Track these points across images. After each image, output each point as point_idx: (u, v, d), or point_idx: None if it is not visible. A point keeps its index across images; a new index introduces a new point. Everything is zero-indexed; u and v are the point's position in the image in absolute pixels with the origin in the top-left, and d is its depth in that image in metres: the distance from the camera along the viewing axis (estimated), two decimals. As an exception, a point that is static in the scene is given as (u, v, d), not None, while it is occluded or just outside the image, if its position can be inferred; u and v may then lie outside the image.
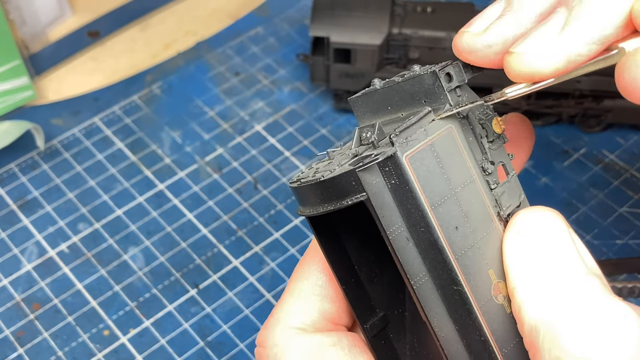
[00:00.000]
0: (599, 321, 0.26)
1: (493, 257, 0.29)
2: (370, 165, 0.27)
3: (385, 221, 0.28)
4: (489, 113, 0.31)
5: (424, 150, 0.28)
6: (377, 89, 0.32)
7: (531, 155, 0.60)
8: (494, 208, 0.30)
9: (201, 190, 0.60)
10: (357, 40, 0.58)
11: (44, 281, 0.55)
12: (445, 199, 0.28)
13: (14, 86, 0.63)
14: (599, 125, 0.61)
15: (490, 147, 0.30)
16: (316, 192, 0.30)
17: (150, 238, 0.57)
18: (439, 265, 0.28)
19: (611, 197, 0.58)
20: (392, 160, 0.27)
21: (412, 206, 0.28)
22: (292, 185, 0.31)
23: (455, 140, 0.29)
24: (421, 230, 0.28)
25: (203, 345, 0.52)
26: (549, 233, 0.29)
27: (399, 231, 0.28)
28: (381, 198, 0.28)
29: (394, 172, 0.28)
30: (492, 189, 0.30)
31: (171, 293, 0.54)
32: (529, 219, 0.29)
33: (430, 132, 0.28)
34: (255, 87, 0.66)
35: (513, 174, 0.31)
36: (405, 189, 0.28)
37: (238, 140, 0.63)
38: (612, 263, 0.53)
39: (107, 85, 0.67)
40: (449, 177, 0.29)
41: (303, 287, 0.33)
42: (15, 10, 0.66)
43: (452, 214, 0.28)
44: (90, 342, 0.52)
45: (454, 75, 0.30)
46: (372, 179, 0.28)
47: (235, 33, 0.70)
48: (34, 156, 0.62)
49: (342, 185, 0.28)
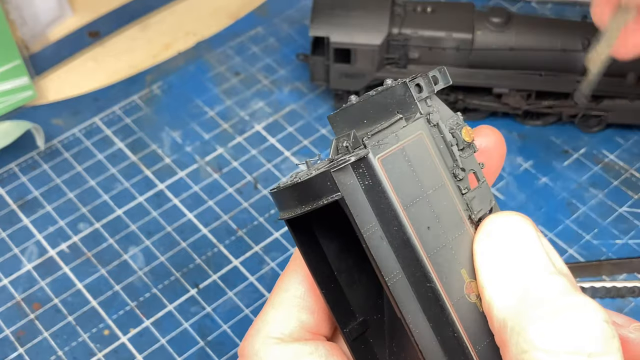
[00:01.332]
0: (563, 315, 0.27)
1: (465, 258, 0.31)
2: (344, 165, 0.29)
3: (360, 220, 0.29)
4: (459, 123, 0.32)
5: (395, 154, 0.30)
6: (353, 103, 0.33)
7: (531, 155, 0.60)
8: (465, 211, 0.31)
9: (201, 190, 0.60)
10: (357, 40, 0.58)
11: (44, 281, 0.55)
12: (417, 200, 0.30)
13: (14, 86, 0.63)
14: (598, 125, 0.61)
15: (461, 155, 0.32)
16: (293, 194, 0.31)
17: (151, 238, 0.57)
18: (412, 263, 0.29)
19: (611, 197, 0.58)
20: (364, 161, 0.29)
21: (385, 206, 0.29)
22: (271, 192, 0.33)
23: (426, 146, 0.31)
24: (394, 229, 0.29)
25: (203, 345, 0.52)
26: (517, 235, 0.30)
27: (373, 230, 0.29)
28: (355, 198, 0.29)
29: (367, 173, 0.29)
30: (464, 194, 0.31)
31: (171, 293, 0.54)
32: (498, 222, 0.31)
33: (401, 137, 0.30)
34: (255, 87, 0.66)
35: (484, 181, 0.32)
36: (378, 189, 0.29)
37: (238, 140, 0.63)
38: (612, 263, 0.53)
39: (107, 85, 0.67)
40: (421, 180, 0.30)
41: (283, 299, 0.34)
42: (15, 10, 0.66)
43: (424, 215, 0.30)
44: (90, 341, 0.52)
45: (424, 86, 0.32)
46: (346, 180, 0.29)
47: (235, 33, 0.70)
48: (34, 156, 0.62)
49: (318, 186, 0.30)
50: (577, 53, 0.58)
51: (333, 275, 0.34)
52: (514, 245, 0.30)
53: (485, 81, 0.60)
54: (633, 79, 0.58)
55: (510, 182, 0.59)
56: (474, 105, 0.61)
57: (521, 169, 0.60)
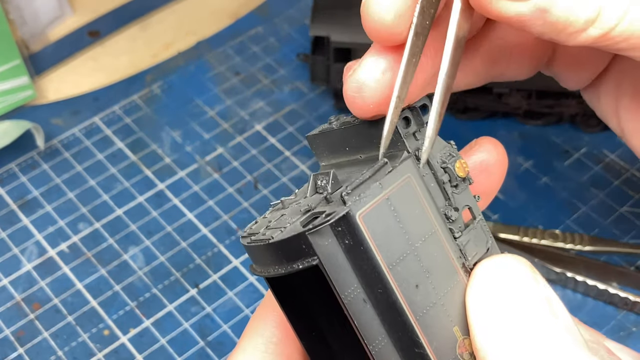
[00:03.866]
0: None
1: (458, 313, 0.28)
2: (321, 227, 0.26)
3: (340, 284, 0.26)
4: (452, 154, 0.29)
5: (379, 206, 0.26)
6: (333, 129, 0.31)
7: (532, 155, 0.60)
8: (459, 259, 0.28)
9: (201, 190, 0.60)
10: (358, 40, 0.58)
11: (44, 281, 0.55)
12: (404, 257, 0.27)
13: (14, 86, 0.63)
14: (599, 125, 0.61)
15: (454, 192, 0.29)
16: (265, 253, 0.28)
17: (151, 238, 0.57)
18: (399, 328, 0.27)
19: (612, 196, 0.58)
20: (344, 220, 0.26)
21: (368, 267, 0.26)
22: (242, 242, 0.29)
23: (414, 190, 0.28)
24: (379, 291, 0.26)
25: (203, 345, 0.52)
26: (512, 283, 0.27)
27: (355, 293, 0.26)
28: (334, 260, 0.26)
29: (347, 232, 0.26)
30: (457, 238, 0.28)
31: (171, 293, 0.54)
32: (490, 270, 0.28)
33: (386, 185, 0.27)
34: (255, 87, 0.66)
35: (480, 219, 0.30)
36: (360, 249, 0.26)
37: (238, 140, 0.62)
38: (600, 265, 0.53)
39: (107, 85, 0.67)
40: (408, 232, 0.27)
41: (257, 344, 0.31)
42: (15, 10, 0.65)
43: (411, 272, 0.27)
44: (90, 341, 0.52)
45: (412, 119, 0.29)
46: (323, 241, 0.26)
47: (235, 33, 0.70)
48: (34, 156, 0.62)
49: (292, 248, 0.26)
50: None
51: (315, 323, 0.30)
52: (508, 296, 0.27)
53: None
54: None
55: (510, 182, 0.59)
56: (474, 105, 0.61)
57: (522, 168, 0.60)
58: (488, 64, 0.35)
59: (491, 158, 0.33)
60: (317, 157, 0.33)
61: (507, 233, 0.55)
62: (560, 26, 0.27)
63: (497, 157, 0.33)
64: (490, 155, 0.33)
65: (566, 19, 0.27)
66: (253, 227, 0.30)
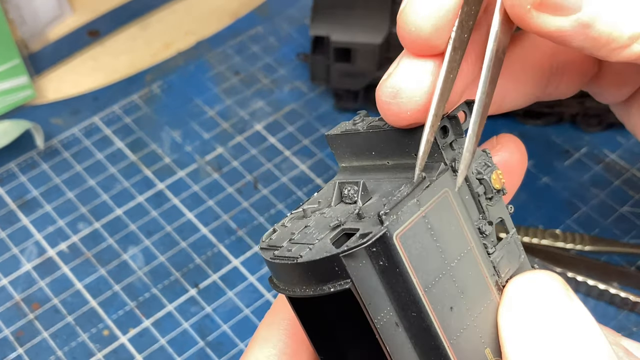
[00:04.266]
0: None
1: (490, 334, 0.27)
2: (356, 250, 0.24)
3: (372, 308, 0.25)
4: (488, 164, 0.28)
5: (416, 225, 0.25)
6: (359, 131, 0.29)
7: (532, 155, 0.60)
8: (492, 277, 0.27)
9: (201, 189, 0.59)
10: (358, 39, 0.58)
11: (44, 281, 0.55)
12: (439, 277, 0.25)
13: (14, 85, 0.63)
14: (600, 125, 0.61)
15: (488, 204, 0.28)
16: (292, 272, 0.26)
17: (150, 238, 0.57)
18: (432, 352, 0.25)
19: (612, 196, 0.58)
20: (380, 241, 0.24)
21: (403, 289, 0.25)
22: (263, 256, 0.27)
23: (451, 206, 0.26)
24: (412, 315, 0.25)
25: (203, 345, 0.52)
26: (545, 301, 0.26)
27: (387, 317, 0.25)
28: (368, 283, 0.25)
29: (382, 253, 0.24)
30: (490, 254, 0.27)
31: (171, 293, 0.54)
32: (521, 289, 0.27)
33: (423, 201, 0.25)
34: (255, 87, 0.66)
35: (513, 232, 0.29)
36: (396, 271, 0.24)
37: (238, 139, 0.62)
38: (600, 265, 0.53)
39: (107, 85, 0.66)
40: (444, 251, 0.26)
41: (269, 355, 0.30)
42: (15, 10, 0.65)
43: (447, 294, 0.25)
44: (90, 342, 0.52)
45: (450, 128, 0.27)
46: (357, 263, 0.24)
47: (235, 32, 0.70)
48: (33, 156, 0.62)
49: (324, 270, 0.25)
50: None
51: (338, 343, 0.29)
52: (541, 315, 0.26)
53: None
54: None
55: (511, 182, 0.59)
56: (475, 105, 0.61)
57: (522, 168, 0.60)
58: (540, 84, 0.34)
59: (514, 158, 0.32)
60: (336, 157, 0.31)
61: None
62: (603, 41, 0.26)
63: (520, 157, 0.32)
64: (512, 155, 0.32)
65: (609, 34, 0.26)
66: (273, 238, 0.28)
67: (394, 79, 0.27)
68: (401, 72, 0.27)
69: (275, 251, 0.27)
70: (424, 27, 0.26)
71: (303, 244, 0.26)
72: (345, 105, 0.63)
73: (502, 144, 0.32)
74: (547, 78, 0.33)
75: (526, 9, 0.26)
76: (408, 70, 0.27)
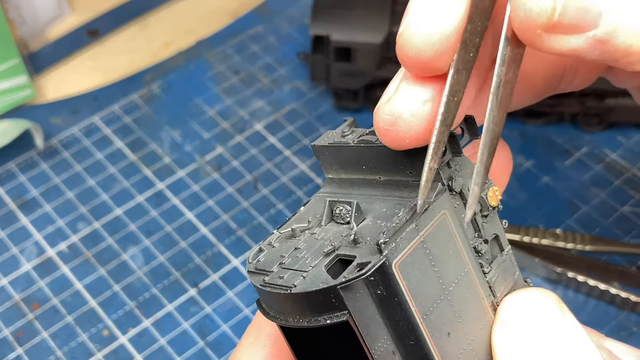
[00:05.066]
0: None
1: (485, 354, 0.26)
2: (354, 282, 0.23)
3: (370, 338, 0.24)
4: (484, 182, 0.26)
5: (415, 252, 0.24)
6: (349, 145, 0.28)
7: (532, 155, 0.60)
8: (488, 297, 0.27)
9: (201, 189, 0.59)
10: (358, 39, 0.58)
11: (43, 281, 0.55)
12: (437, 303, 0.25)
13: (13, 85, 0.63)
14: (600, 125, 0.61)
15: (484, 221, 0.27)
16: (285, 302, 0.25)
17: (150, 237, 0.57)
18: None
19: (612, 196, 0.58)
20: (379, 271, 0.23)
21: (401, 318, 0.24)
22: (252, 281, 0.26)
23: (449, 228, 0.25)
24: (410, 343, 0.24)
25: (203, 345, 0.52)
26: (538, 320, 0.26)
27: (384, 346, 0.24)
28: (365, 313, 0.24)
29: (380, 283, 0.24)
30: (486, 274, 0.27)
31: (171, 293, 0.54)
32: (514, 308, 0.26)
33: (422, 226, 0.25)
34: (255, 86, 0.66)
35: (508, 250, 0.28)
36: (394, 300, 0.24)
37: (238, 139, 0.62)
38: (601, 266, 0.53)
39: (107, 84, 0.66)
40: (442, 275, 0.25)
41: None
42: (14, 9, 0.65)
43: (444, 319, 0.25)
44: (89, 341, 0.52)
45: (449, 147, 0.26)
46: (355, 293, 0.23)
47: (235, 32, 0.70)
48: (33, 155, 0.62)
49: (319, 301, 0.24)
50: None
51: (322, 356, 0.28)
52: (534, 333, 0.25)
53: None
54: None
55: (511, 182, 0.59)
56: (475, 105, 0.61)
57: (522, 168, 0.60)
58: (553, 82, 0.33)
59: (498, 162, 0.31)
60: (323, 168, 0.30)
61: (507, 233, 0.54)
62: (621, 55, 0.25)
63: (505, 161, 0.31)
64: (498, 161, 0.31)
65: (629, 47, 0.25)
66: (261, 260, 0.27)
67: (393, 105, 0.25)
68: (401, 98, 0.25)
69: (265, 277, 0.26)
70: (425, 50, 0.24)
71: (295, 270, 0.25)
72: (345, 104, 0.63)
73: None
74: (560, 76, 0.32)
75: (536, 34, 0.24)
76: (408, 96, 0.25)
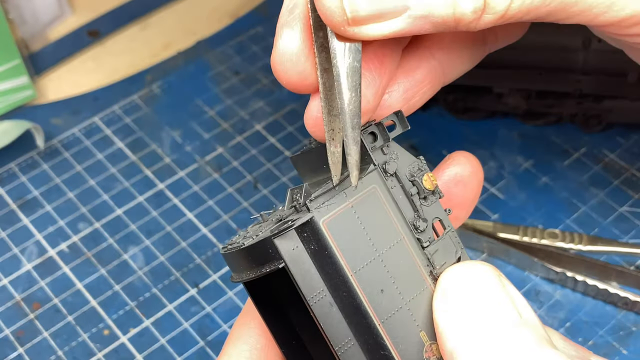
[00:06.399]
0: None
1: (425, 318, 0.29)
2: (286, 232, 0.27)
3: (306, 287, 0.27)
4: (421, 169, 0.30)
5: (344, 214, 0.28)
6: (312, 148, 0.32)
7: (532, 155, 0.60)
8: (427, 267, 0.29)
9: (201, 189, 0.60)
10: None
11: (44, 281, 0.55)
12: (368, 262, 0.28)
13: (14, 85, 0.63)
14: (599, 125, 0.61)
15: (423, 204, 0.30)
16: (239, 259, 0.29)
17: (150, 238, 0.57)
18: (365, 330, 0.28)
19: (611, 196, 0.58)
20: (309, 226, 0.27)
21: (333, 271, 0.27)
22: (221, 252, 0.31)
23: (379, 201, 0.29)
24: (344, 294, 0.28)
25: (203, 345, 0.52)
26: (478, 287, 0.28)
27: (321, 296, 0.28)
28: (301, 264, 0.27)
29: (312, 238, 0.27)
30: (425, 247, 0.30)
31: (171, 293, 0.54)
32: (456, 276, 0.29)
33: (350, 194, 0.28)
34: (255, 87, 0.66)
35: (449, 230, 0.31)
36: (325, 254, 0.27)
37: (238, 139, 0.62)
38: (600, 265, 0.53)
39: (107, 85, 0.67)
40: (373, 239, 0.28)
41: (241, 351, 0.32)
42: (15, 10, 0.65)
43: (376, 277, 0.28)
44: (90, 341, 0.52)
45: (378, 134, 0.30)
46: (290, 246, 0.27)
47: (235, 32, 0.70)
48: (33, 156, 0.62)
49: (261, 253, 0.28)
50: (578, 52, 0.58)
51: (294, 331, 0.32)
52: (474, 299, 0.28)
53: (485, 81, 0.60)
54: (634, 78, 0.58)
55: (510, 182, 0.59)
56: (474, 105, 0.61)
57: (521, 168, 0.60)
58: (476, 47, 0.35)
59: (465, 171, 0.34)
60: (301, 177, 0.34)
61: (507, 233, 0.55)
62: (451, 23, 0.28)
63: (471, 169, 0.34)
64: (463, 167, 0.34)
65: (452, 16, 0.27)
66: (233, 240, 0.31)
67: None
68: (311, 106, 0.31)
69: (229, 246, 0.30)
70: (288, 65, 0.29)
71: (250, 237, 0.29)
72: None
73: (453, 159, 0.34)
74: (480, 39, 0.35)
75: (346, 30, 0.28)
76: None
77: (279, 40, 0.30)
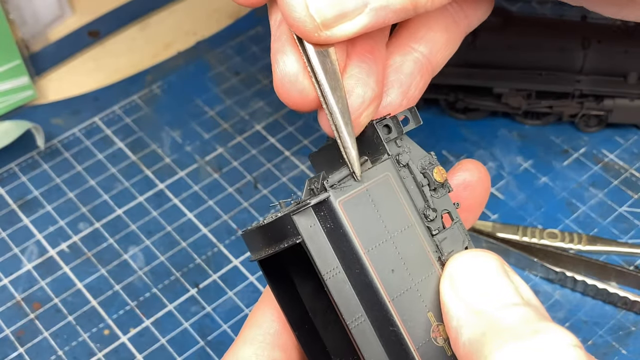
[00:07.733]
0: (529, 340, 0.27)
1: (432, 300, 0.31)
2: (304, 209, 0.29)
3: (322, 263, 0.29)
4: (432, 162, 0.33)
5: (359, 196, 0.30)
6: (329, 143, 0.34)
7: (531, 155, 0.60)
8: (435, 253, 0.31)
9: (201, 189, 0.60)
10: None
11: (44, 281, 0.55)
12: (381, 243, 0.30)
13: (14, 86, 0.63)
14: (599, 125, 0.61)
15: (433, 195, 0.32)
16: (258, 237, 0.32)
17: (151, 238, 0.57)
18: (375, 307, 0.29)
19: (611, 196, 0.58)
20: (325, 204, 0.29)
21: (347, 249, 0.29)
22: (241, 234, 0.33)
23: (392, 187, 0.31)
24: (356, 272, 0.29)
25: (203, 345, 0.52)
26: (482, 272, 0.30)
27: (335, 272, 0.29)
28: (317, 241, 0.29)
29: (328, 217, 0.29)
30: (434, 235, 0.31)
31: (171, 292, 0.54)
32: (460, 263, 0.30)
33: (365, 179, 0.30)
34: (255, 87, 0.66)
35: (457, 221, 0.33)
36: (340, 232, 0.29)
37: (238, 139, 0.63)
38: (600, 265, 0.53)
39: (107, 85, 0.67)
40: (386, 222, 0.30)
41: (256, 335, 0.35)
42: (15, 10, 0.66)
43: (388, 257, 0.30)
44: (90, 341, 0.52)
45: (393, 127, 0.32)
46: (307, 223, 0.29)
47: (235, 32, 0.70)
48: (34, 156, 0.62)
49: (280, 229, 0.30)
50: (577, 52, 0.58)
51: (307, 316, 0.34)
52: (478, 283, 0.29)
53: (485, 81, 0.60)
54: (634, 78, 0.58)
55: (510, 182, 0.59)
56: (474, 105, 0.61)
57: (521, 168, 0.60)
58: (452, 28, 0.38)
59: (473, 177, 0.36)
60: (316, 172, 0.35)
61: (506, 232, 0.55)
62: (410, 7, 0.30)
63: (479, 175, 0.36)
64: (471, 174, 0.36)
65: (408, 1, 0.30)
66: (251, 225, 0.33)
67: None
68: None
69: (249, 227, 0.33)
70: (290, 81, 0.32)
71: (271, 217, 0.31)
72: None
73: (462, 166, 0.36)
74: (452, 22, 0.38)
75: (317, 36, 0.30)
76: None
77: (276, 67, 0.32)
